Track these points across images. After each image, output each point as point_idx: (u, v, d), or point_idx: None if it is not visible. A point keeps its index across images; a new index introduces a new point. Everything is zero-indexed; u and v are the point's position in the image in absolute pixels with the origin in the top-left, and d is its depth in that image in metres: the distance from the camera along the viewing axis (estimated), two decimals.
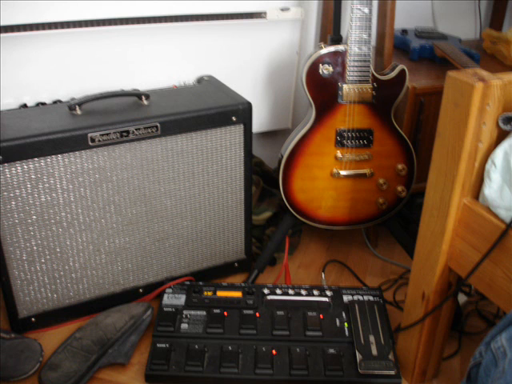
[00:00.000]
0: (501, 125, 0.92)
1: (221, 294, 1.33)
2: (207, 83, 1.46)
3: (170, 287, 1.35)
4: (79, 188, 1.21)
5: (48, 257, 1.24)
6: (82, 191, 1.22)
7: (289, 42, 1.63)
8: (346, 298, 1.33)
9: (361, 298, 1.33)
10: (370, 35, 1.29)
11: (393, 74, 1.34)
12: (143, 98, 1.30)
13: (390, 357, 1.17)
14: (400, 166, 1.41)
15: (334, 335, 1.24)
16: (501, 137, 0.93)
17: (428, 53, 1.63)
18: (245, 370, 1.17)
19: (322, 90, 1.34)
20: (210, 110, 1.28)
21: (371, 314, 1.27)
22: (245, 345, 1.22)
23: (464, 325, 1.36)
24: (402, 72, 1.34)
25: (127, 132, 1.21)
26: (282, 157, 1.40)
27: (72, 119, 1.21)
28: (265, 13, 1.55)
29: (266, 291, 1.34)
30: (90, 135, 1.17)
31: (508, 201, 0.90)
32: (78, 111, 1.24)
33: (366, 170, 1.41)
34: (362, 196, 1.44)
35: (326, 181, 1.41)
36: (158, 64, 1.51)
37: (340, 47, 1.31)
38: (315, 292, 1.34)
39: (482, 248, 0.95)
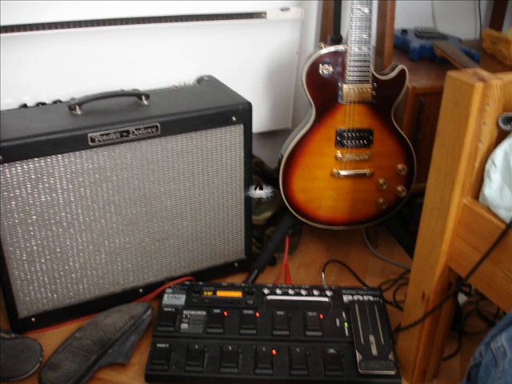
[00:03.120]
0: (501, 125, 0.92)
1: (221, 294, 1.33)
2: (207, 83, 1.46)
3: (170, 287, 1.35)
4: (79, 188, 1.21)
5: (48, 257, 1.24)
6: (82, 191, 1.22)
7: (289, 42, 1.63)
8: (346, 298, 1.33)
9: (361, 298, 1.33)
10: (369, 35, 1.29)
11: (393, 74, 1.34)
12: (143, 97, 1.30)
13: (390, 357, 1.17)
14: (400, 166, 1.41)
15: (334, 335, 1.24)
16: (501, 137, 0.93)
17: (428, 53, 1.63)
18: (245, 370, 1.17)
19: (322, 90, 1.34)
20: (210, 110, 1.28)
21: (371, 314, 1.27)
22: (245, 345, 1.22)
23: (464, 325, 1.36)
24: (402, 72, 1.34)
25: (127, 132, 1.21)
26: (282, 157, 1.40)
27: (72, 119, 1.21)
28: (265, 13, 1.55)
29: (265, 291, 1.34)
30: (90, 135, 1.17)
31: (508, 201, 0.90)
32: (78, 111, 1.24)
33: (365, 170, 1.41)
34: (361, 196, 1.44)
35: (326, 181, 1.41)
36: (158, 64, 1.51)
37: (340, 47, 1.31)
38: (315, 292, 1.34)
39: (482, 248, 0.95)
